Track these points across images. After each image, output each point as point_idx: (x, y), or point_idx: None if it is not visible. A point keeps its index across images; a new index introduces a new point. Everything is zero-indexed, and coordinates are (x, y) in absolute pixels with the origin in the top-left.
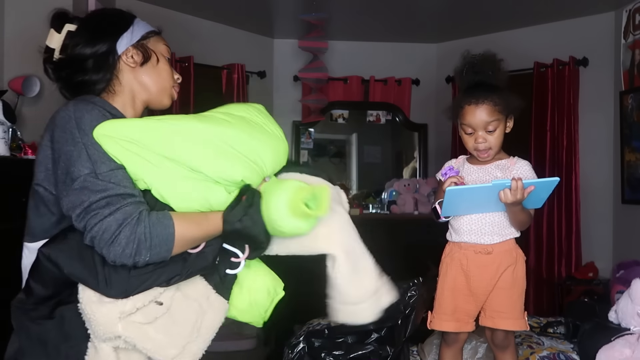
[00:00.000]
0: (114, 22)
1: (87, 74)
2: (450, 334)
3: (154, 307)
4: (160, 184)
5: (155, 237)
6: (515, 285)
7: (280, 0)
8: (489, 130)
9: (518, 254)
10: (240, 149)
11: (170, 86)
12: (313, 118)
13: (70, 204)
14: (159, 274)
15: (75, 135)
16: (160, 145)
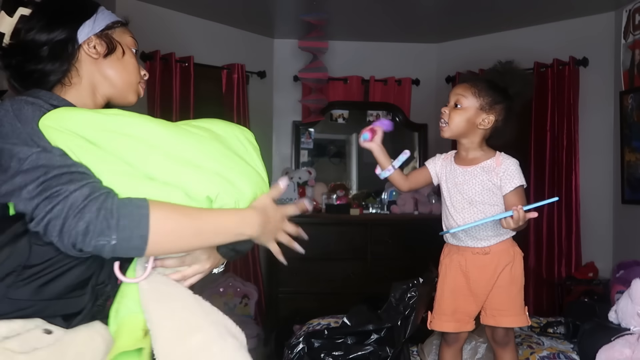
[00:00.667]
0: (74, 9)
1: (41, 63)
2: (451, 334)
3: (37, 335)
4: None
5: (124, 215)
6: (514, 282)
7: (280, 0)
8: (456, 105)
9: (515, 251)
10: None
11: (137, 82)
12: (313, 118)
13: (14, 186)
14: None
15: (16, 126)
16: (120, 144)
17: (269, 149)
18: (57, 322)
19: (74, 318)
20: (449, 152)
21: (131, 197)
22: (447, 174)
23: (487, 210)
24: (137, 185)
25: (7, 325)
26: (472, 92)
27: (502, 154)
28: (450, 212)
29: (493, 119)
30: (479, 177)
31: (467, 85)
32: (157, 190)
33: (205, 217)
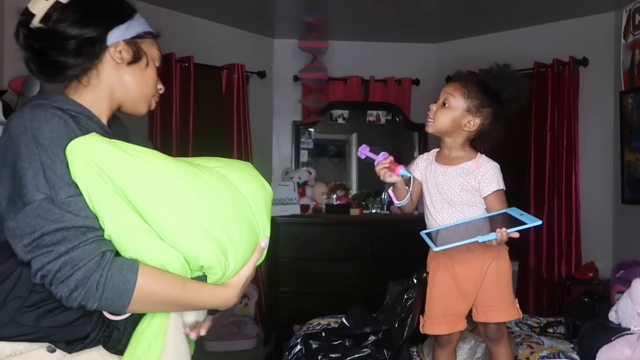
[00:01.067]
0: (111, 9)
1: (65, 56)
2: (443, 335)
3: (40, 354)
4: (114, 227)
5: (109, 289)
6: (500, 277)
7: (280, 0)
8: (444, 104)
9: (500, 246)
10: (214, 232)
11: (152, 95)
12: (313, 118)
13: (18, 231)
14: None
15: (33, 150)
16: (141, 198)
17: (269, 149)
18: (60, 346)
19: (76, 344)
20: (431, 151)
21: (124, 265)
22: (429, 173)
23: (466, 211)
24: (141, 241)
25: (11, 345)
26: (461, 93)
27: (482, 157)
28: (430, 211)
29: (478, 122)
30: (458, 178)
31: (458, 85)
32: (159, 251)
33: (188, 292)
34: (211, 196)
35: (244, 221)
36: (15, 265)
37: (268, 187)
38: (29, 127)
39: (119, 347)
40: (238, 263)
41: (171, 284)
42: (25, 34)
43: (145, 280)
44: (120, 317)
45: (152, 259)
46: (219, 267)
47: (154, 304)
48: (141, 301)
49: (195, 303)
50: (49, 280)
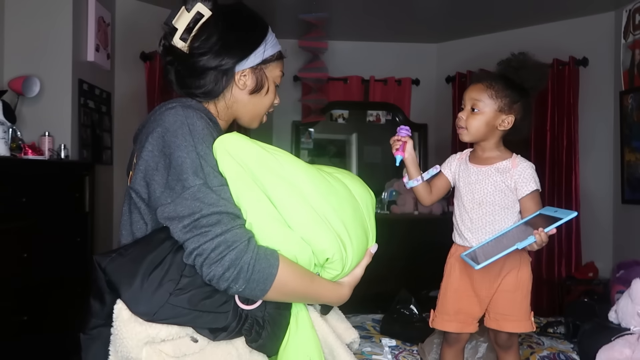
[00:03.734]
0: (248, 35)
1: (204, 85)
2: (452, 334)
3: (187, 342)
4: (255, 217)
5: (257, 271)
6: (519, 288)
7: (280, 0)
8: (474, 110)
9: (522, 256)
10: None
11: (265, 113)
12: (313, 118)
13: (175, 213)
14: (196, 317)
15: (190, 141)
16: (280, 191)
17: None
18: (205, 333)
19: (219, 333)
20: (464, 151)
21: (267, 251)
22: (461, 173)
23: (497, 213)
24: (277, 232)
25: (167, 329)
26: (488, 95)
27: (518, 156)
28: (459, 212)
29: (513, 118)
30: (493, 177)
31: (482, 86)
32: (292, 243)
33: (314, 286)
34: (335, 195)
35: (359, 223)
36: (167, 250)
37: (372, 195)
38: (185, 122)
39: (260, 341)
40: (354, 261)
41: (304, 276)
42: (166, 46)
43: (284, 268)
44: (251, 306)
45: (287, 249)
46: (341, 262)
47: (288, 292)
48: (278, 289)
49: (319, 297)
50: (202, 259)
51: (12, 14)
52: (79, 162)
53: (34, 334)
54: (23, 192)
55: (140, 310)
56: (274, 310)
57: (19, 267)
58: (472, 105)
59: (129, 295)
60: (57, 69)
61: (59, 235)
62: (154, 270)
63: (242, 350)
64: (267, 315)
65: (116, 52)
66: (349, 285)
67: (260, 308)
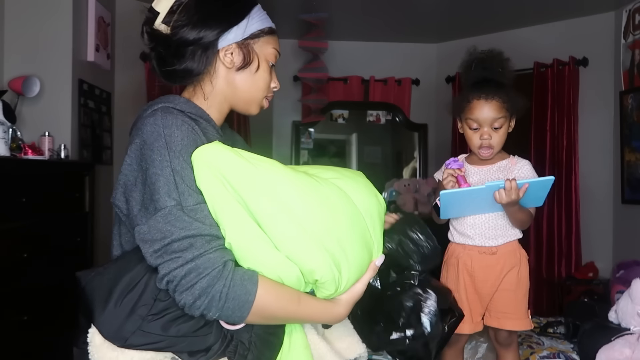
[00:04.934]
0: (230, 5)
1: (182, 63)
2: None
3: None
4: (234, 235)
5: (231, 299)
6: (520, 286)
7: (280, 0)
8: (495, 127)
9: (521, 254)
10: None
11: (263, 97)
12: (313, 118)
13: (149, 236)
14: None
15: (165, 156)
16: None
17: (269, 149)
18: (184, 357)
19: (200, 356)
20: (459, 157)
21: (245, 275)
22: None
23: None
24: (259, 252)
25: (139, 355)
26: (506, 108)
27: (516, 156)
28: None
29: (515, 117)
30: (495, 175)
31: (498, 103)
32: (276, 263)
33: (302, 307)
34: (327, 209)
35: (359, 236)
36: (143, 272)
37: (381, 199)
38: (162, 133)
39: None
40: (351, 279)
41: (288, 298)
42: (148, 32)
43: (264, 292)
44: (235, 327)
45: (270, 270)
46: (333, 283)
47: (270, 316)
48: (258, 313)
49: (309, 318)
50: (173, 286)
51: (12, 14)
52: (79, 162)
53: (34, 334)
54: (23, 192)
55: (111, 336)
56: (262, 331)
57: (19, 267)
58: (492, 125)
59: (102, 319)
60: (57, 69)
61: (59, 235)
62: (128, 294)
63: None
64: (254, 337)
65: (116, 52)
66: (346, 302)
67: (247, 329)
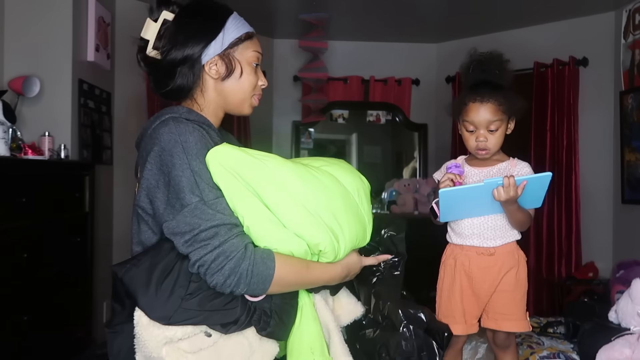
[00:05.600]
0: (206, 23)
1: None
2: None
3: (201, 338)
4: (251, 220)
5: (255, 275)
6: (518, 288)
7: (280, 0)
8: (491, 130)
9: (520, 255)
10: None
11: (251, 97)
12: (313, 118)
13: (178, 229)
14: (207, 316)
15: (184, 160)
16: (269, 194)
17: (269, 149)
18: (217, 328)
19: (230, 326)
20: (459, 158)
21: (263, 254)
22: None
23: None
24: (272, 232)
25: (182, 329)
26: (502, 110)
27: (516, 159)
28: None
29: (514, 117)
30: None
31: (494, 106)
32: (288, 240)
33: (311, 273)
34: (323, 191)
35: (351, 211)
36: (174, 260)
37: (365, 180)
38: (178, 140)
39: (269, 329)
40: (347, 247)
41: (299, 267)
42: (142, 59)
43: (280, 265)
44: (257, 298)
45: (283, 247)
46: (333, 252)
47: (287, 284)
48: (278, 283)
49: (317, 280)
50: (204, 269)
51: (12, 14)
52: (79, 162)
53: (34, 334)
54: (23, 192)
55: (157, 316)
56: (280, 300)
57: (19, 267)
58: (488, 127)
59: (146, 303)
60: (57, 69)
61: (59, 235)
62: (165, 279)
63: (253, 339)
64: (274, 305)
65: (116, 52)
66: (342, 265)
67: (267, 299)
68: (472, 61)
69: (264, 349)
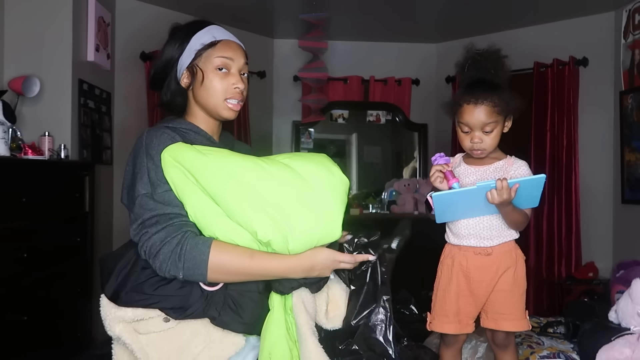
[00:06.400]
0: (174, 45)
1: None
2: (450, 335)
3: (157, 322)
4: (194, 211)
5: (188, 260)
6: (516, 287)
7: (280, 0)
8: (486, 131)
9: (518, 254)
10: (270, 211)
11: (222, 100)
12: (313, 118)
13: (132, 218)
14: (156, 300)
15: (143, 159)
16: (212, 185)
17: (269, 149)
18: (170, 314)
19: (181, 312)
20: (456, 156)
21: (199, 241)
22: (458, 175)
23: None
24: (214, 222)
25: (133, 311)
26: (497, 112)
27: (513, 157)
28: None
29: (511, 116)
30: (491, 176)
31: (488, 107)
32: (229, 229)
33: (255, 262)
34: (268, 181)
35: (305, 203)
36: (135, 252)
37: (337, 174)
38: (143, 143)
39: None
40: (300, 240)
41: (239, 255)
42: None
43: (216, 252)
44: (212, 288)
45: (223, 235)
46: (280, 242)
47: (228, 271)
48: (217, 270)
49: (265, 271)
50: (146, 255)
51: (12, 14)
52: (79, 162)
53: (33, 334)
54: (23, 192)
55: (110, 296)
56: (235, 292)
57: (19, 267)
58: (483, 129)
59: (106, 285)
60: (57, 69)
61: (59, 235)
62: (125, 265)
63: (212, 329)
64: (227, 296)
65: (116, 52)
66: (301, 257)
67: (222, 289)
68: (467, 59)
69: (226, 340)
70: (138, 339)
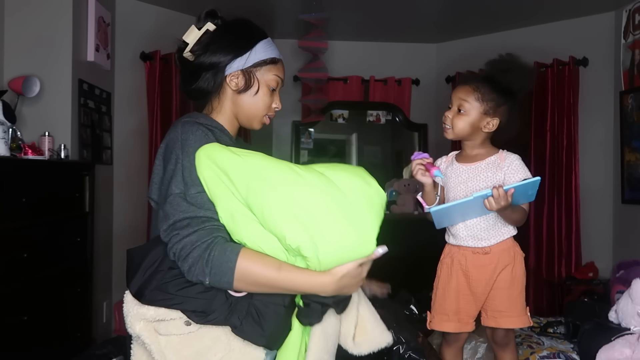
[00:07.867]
0: (238, 40)
1: (197, 83)
2: (451, 334)
3: (178, 324)
4: (225, 214)
5: (215, 266)
6: (515, 284)
7: (280, 0)
8: (460, 111)
9: (516, 252)
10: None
11: (263, 115)
12: (313, 118)
13: (162, 218)
14: (179, 301)
15: (178, 156)
16: (244, 187)
17: (269, 149)
18: (192, 317)
19: (203, 316)
20: (449, 154)
21: (228, 247)
22: (451, 173)
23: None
24: (245, 225)
25: (155, 310)
26: (475, 97)
27: (504, 151)
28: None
29: (497, 121)
30: (483, 173)
31: (470, 88)
32: (259, 235)
33: (284, 274)
34: (301, 186)
35: (338, 212)
36: (163, 251)
37: (374, 185)
38: (179, 138)
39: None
40: (332, 249)
41: (267, 266)
42: (179, 58)
43: (244, 260)
44: (237, 294)
45: (251, 242)
46: (307, 248)
47: (254, 282)
48: (242, 279)
49: (291, 285)
50: (175, 257)
51: (12, 14)
52: (79, 162)
53: (33, 334)
54: (23, 192)
55: (135, 293)
56: (260, 302)
57: (19, 267)
58: (458, 105)
59: (132, 282)
60: (57, 69)
61: (59, 235)
62: (152, 264)
63: (234, 339)
64: (251, 306)
65: (116, 52)
66: (333, 273)
67: (246, 298)
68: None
69: (245, 351)
70: (157, 340)
